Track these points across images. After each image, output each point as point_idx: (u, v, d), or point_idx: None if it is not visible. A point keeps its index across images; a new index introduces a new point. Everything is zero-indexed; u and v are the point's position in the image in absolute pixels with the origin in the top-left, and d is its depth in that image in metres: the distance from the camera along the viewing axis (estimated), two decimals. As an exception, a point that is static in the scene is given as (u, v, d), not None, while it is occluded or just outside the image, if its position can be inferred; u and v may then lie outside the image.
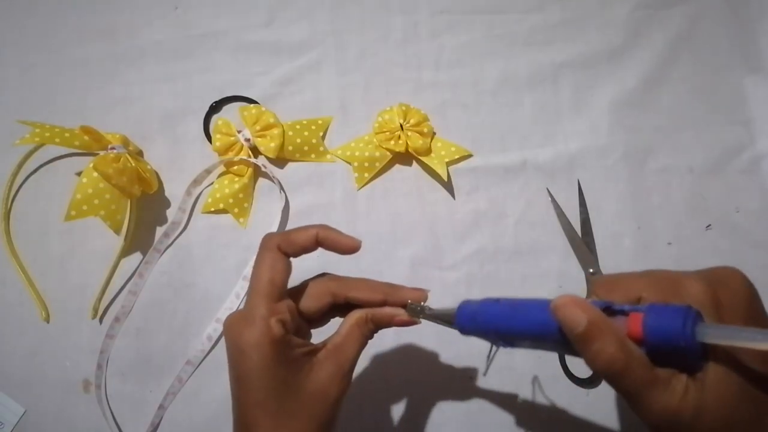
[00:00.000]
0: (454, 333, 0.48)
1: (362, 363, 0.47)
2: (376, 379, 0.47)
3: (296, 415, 0.31)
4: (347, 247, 0.34)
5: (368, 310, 0.34)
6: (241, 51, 0.54)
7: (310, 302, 0.34)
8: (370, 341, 0.34)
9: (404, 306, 0.34)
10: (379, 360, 0.47)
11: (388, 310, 0.34)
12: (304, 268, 0.49)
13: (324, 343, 0.33)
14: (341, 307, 0.35)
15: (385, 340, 0.48)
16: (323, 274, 0.36)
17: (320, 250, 0.34)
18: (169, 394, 0.46)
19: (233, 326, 0.31)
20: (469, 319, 0.32)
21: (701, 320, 0.24)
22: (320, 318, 0.35)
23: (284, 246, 0.33)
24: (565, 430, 0.46)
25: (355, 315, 0.34)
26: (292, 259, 0.34)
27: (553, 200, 0.51)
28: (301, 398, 0.31)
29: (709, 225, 0.50)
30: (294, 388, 0.31)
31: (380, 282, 0.35)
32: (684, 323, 0.24)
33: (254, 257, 0.41)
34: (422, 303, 0.34)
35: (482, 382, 0.47)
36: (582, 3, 0.55)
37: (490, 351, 0.46)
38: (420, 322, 0.34)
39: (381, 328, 0.34)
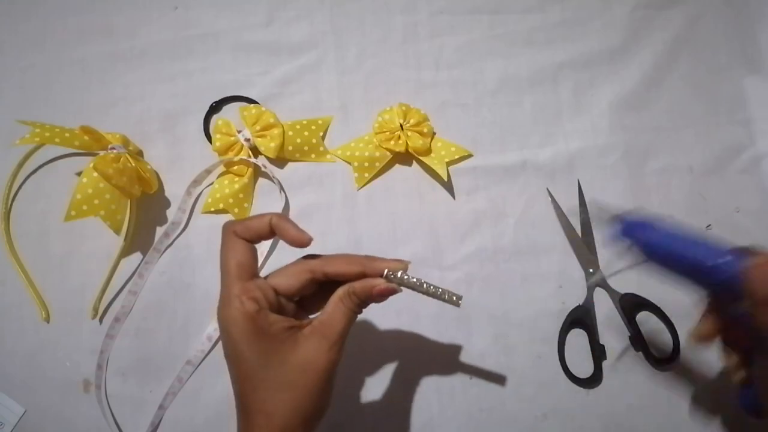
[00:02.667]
0: (454, 333, 0.48)
1: (362, 363, 0.47)
2: (376, 379, 0.47)
3: (284, 386, 0.32)
4: (296, 239, 0.34)
5: (349, 284, 0.34)
6: (241, 51, 0.54)
7: (288, 280, 0.34)
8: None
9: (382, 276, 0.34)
10: (378, 360, 0.47)
11: (368, 281, 0.34)
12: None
13: (311, 320, 0.34)
14: (326, 286, 0.35)
15: (385, 340, 0.48)
16: (307, 255, 0.36)
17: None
18: (169, 394, 0.46)
19: (217, 311, 0.33)
20: (639, 224, 0.35)
21: None
22: (304, 296, 0.36)
23: (240, 231, 0.34)
24: (565, 430, 0.46)
25: (339, 290, 0.34)
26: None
27: (553, 200, 0.51)
28: (287, 369, 0.32)
29: (709, 225, 0.50)
30: (278, 360, 0.32)
31: (359, 255, 0.36)
32: None
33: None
34: (400, 273, 0.34)
35: (482, 382, 0.47)
36: (582, 3, 0.55)
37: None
38: (401, 290, 0.34)
39: (366, 301, 0.34)
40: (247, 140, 0.50)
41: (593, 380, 0.46)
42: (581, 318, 0.47)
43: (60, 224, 0.47)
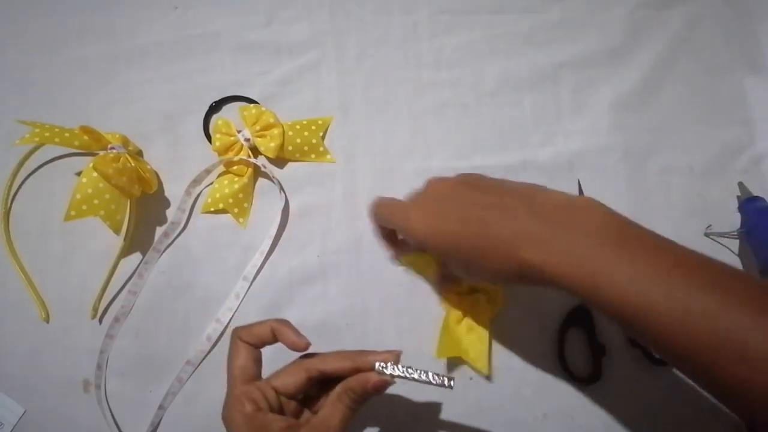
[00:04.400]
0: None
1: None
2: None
3: None
4: (294, 344, 0.36)
5: (345, 381, 0.35)
6: (241, 51, 0.54)
7: (287, 380, 0.36)
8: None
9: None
10: (379, 360, 0.47)
11: (362, 376, 0.35)
12: (305, 270, 0.49)
13: (309, 419, 0.36)
14: (328, 384, 0.37)
15: (385, 341, 0.48)
16: (305, 354, 0.37)
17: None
18: (169, 394, 0.46)
19: (221, 412, 0.35)
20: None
21: None
22: (308, 394, 0.37)
23: (245, 337, 0.37)
24: (565, 429, 0.46)
25: (336, 388, 0.35)
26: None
27: (553, 200, 0.51)
28: None
29: (710, 225, 0.50)
30: None
31: (350, 351, 0.37)
32: None
33: (254, 257, 0.47)
34: (390, 363, 0.34)
35: (482, 383, 0.47)
36: (582, 3, 0.55)
37: None
38: (394, 382, 0.34)
39: (363, 396, 0.35)
40: (247, 140, 0.50)
41: (593, 379, 0.46)
42: (581, 317, 0.47)
43: (60, 224, 0.47)
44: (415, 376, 0.34)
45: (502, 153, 0.52)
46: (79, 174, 0.45)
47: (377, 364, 0.34)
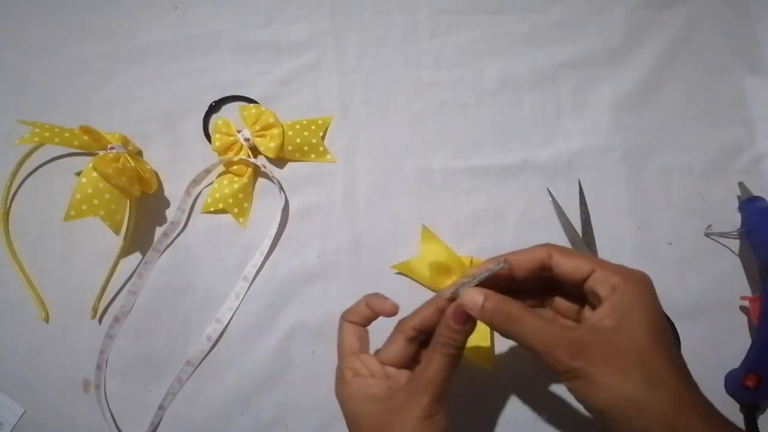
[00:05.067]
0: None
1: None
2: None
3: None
4: (381, 311, 0.37)
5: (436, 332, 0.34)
6: (241, 51, 0.54)
7: (388, 348, 0.37)
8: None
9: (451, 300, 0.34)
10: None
11: (444, 317, 0.34)
12: (305, 270, 0.49)
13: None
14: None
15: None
16: (401, 320, 0.37)
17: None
18: (169, 394, 0.46)
19: (336, 386, 0.36)
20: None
21: None
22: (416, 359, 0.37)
23: (348, 317, 0.38)
24: (565, 430, 0.46)
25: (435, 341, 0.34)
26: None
27: (554, 200, 0.51)
28: (389, 419, 0.33)
29: (710, 225, 0.50)
30: (385, 414, 0.33)
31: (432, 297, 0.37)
32: None
33: (254, 257, 0.48)
34: (454, 287, 0.34)
35: (482, 382, 0.47)
36: (582, 3, 0.55)
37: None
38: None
39: (452, 337, 0.33)
40: (247, 140, 0.50)
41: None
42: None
43: (59, 224, 0.47)
44: (479, 278, 0.33)
45: (502, 153, 0.52)
46: (79, 174, 0.45)
47: (447, 293, 0.34)
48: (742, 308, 0.48)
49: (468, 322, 0.33)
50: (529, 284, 0.35)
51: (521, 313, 0.32)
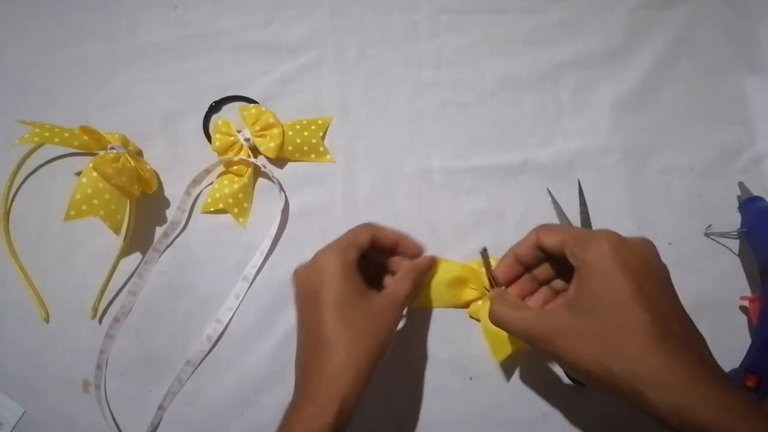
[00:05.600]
0: (454, 333, 0.48)
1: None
2: (377, 379, 0.47)
3: (360, 326, 0.37)
4: (416, 250, 0.45)
5: (407, 264, 0.43)
6: (241, 51, 0.54)
7: (361, 237, 0.42)
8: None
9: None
10: (379, 360, 0.47)
11: (421, 259, 0.44)
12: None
13: (378, 291, 0.41)
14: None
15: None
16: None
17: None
18: (169, 394, 0.46)
19: (318, 254, 0.40)
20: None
21: None
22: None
23: (372, 227, 0.43)
24: (565, 430, 0.46)
25: (400, 271, 0.43)
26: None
27: (554, 200, 0.51)
28: (364, 315, 0.38)
29: (710, 225, 0.50)
30: (358, 305, 0.38)
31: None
32: None
33: (254, 257, 0.48)
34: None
35: (482, 383, 0.47)
36: (582, 3, 0.55)
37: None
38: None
39: (422, 274, 0.43)
40: (247, 140, 0.50)
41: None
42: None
43: (60, 224, 0.47)
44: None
45: (502, 153, 0.52)
46: (79, 174, 0.45)
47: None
48: (742, 308, 0.48)
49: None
50: (541, 264, 0.40)
51: (497, 306, 0.37)
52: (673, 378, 0.30)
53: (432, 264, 0.45)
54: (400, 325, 0.48)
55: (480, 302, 0.47)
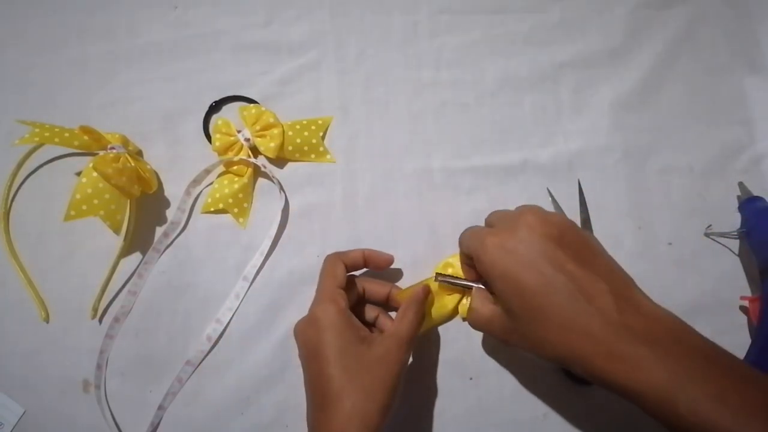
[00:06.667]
0: (454, 333, 0.48)
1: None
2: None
3: (363, 374, 0.37)
4: (384, 262, 0.46)
5: (407, 300, 0.43)
6: (241, 51, 0.54)
7: (351, 290, 0.44)
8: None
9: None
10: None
11: (418, 291, 0.43)
12: (305, 270, 0.49)
13: (379, 333, 0.42)
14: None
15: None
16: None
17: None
18: (169, 394, 0.46)
19: (312, 309, 0.41)
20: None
21: None
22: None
23: (341, 255, 0.44)
24: (565, 430, 0.46)
25: (404, 304, 0.42)
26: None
27: (554, 200, 0.51)
28: (367, 362, 0.38)
29: (710, 225, 0.50)
30: (359, 353, 0.38)
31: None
32: None
33: (254, 257, 0.48)
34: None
35: (482, 383, 0.47)
36: (582, 3, 0.55)
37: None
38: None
39: (422, 306, 0.43)
40: (247, 140, 0.50)
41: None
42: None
43: (60, 224, 0.47)
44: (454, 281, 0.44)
45: (502, 153, 0.52)
46: (79, 174, 0.45)
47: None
48: (742, 308, 0.48)
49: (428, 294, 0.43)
50: None
51: (474, 304, 0.40)
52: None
53: (428, 291, 0.43)
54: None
55: (465, 301, 0.47)
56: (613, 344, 0.32)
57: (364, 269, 0.46)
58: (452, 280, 0.44)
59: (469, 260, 0.41)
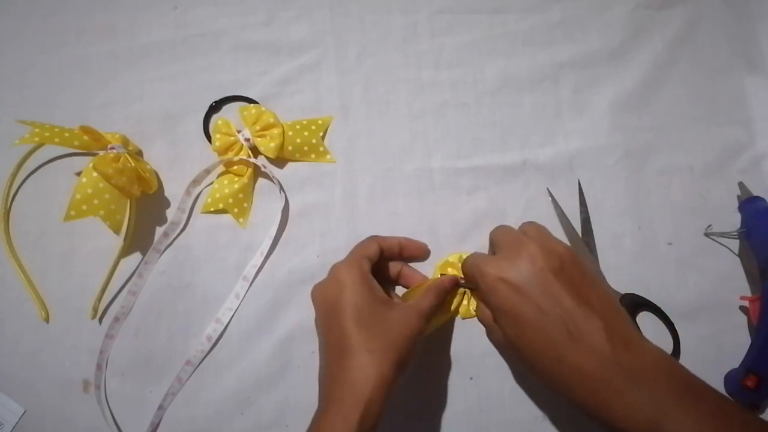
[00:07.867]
0: (455, 333, 0.48)
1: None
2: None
3: (382, 333, 0.38)
4: (420, 251, 0.49)
5: (432, 281, 0.44)
6: (241, 51, 0.54)
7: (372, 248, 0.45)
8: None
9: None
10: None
11: (444, 278, 0.44)
12: (305, 270, 0.49)
13: (399, 302, 0.43)
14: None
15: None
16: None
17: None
18: (169, 394, 0.46)
19: (335, 269, 0.42)
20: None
21: None
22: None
23: (379, 239, 0.46)
24: (565, 430, 0.46)
25: (424, 285, 0.43)
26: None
27: (554, 200, 0.51)
28: (386, 322, 0.39)
29: (710, 225, 0.50)
30: (379, 313, 0.39)
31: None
32: None
33: (254, 257, 0.48)
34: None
35: (482, 383, 0.47)
36: (582, 3, 0.55)
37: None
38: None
39: (445, 292, 0.43)
40: (247, 140, 0.50)
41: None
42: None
43: (60, 224, 0.47)
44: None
45: (502, 153, 0.52)
46: (79, 174, 0.45)
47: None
48: (742, 308, 0.48)
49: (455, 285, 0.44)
50: None
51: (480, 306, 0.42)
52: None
53: (454, 282, 0.44)
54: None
55: (465, 302, 0.47)
56: (601, 381, 0.33)
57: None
58: (468, 286, 0.44)
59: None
